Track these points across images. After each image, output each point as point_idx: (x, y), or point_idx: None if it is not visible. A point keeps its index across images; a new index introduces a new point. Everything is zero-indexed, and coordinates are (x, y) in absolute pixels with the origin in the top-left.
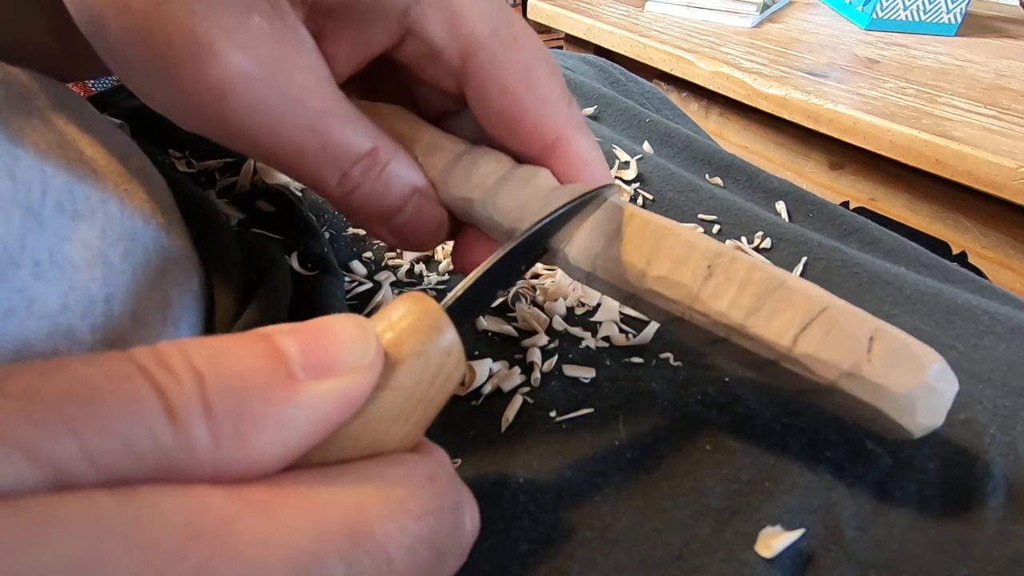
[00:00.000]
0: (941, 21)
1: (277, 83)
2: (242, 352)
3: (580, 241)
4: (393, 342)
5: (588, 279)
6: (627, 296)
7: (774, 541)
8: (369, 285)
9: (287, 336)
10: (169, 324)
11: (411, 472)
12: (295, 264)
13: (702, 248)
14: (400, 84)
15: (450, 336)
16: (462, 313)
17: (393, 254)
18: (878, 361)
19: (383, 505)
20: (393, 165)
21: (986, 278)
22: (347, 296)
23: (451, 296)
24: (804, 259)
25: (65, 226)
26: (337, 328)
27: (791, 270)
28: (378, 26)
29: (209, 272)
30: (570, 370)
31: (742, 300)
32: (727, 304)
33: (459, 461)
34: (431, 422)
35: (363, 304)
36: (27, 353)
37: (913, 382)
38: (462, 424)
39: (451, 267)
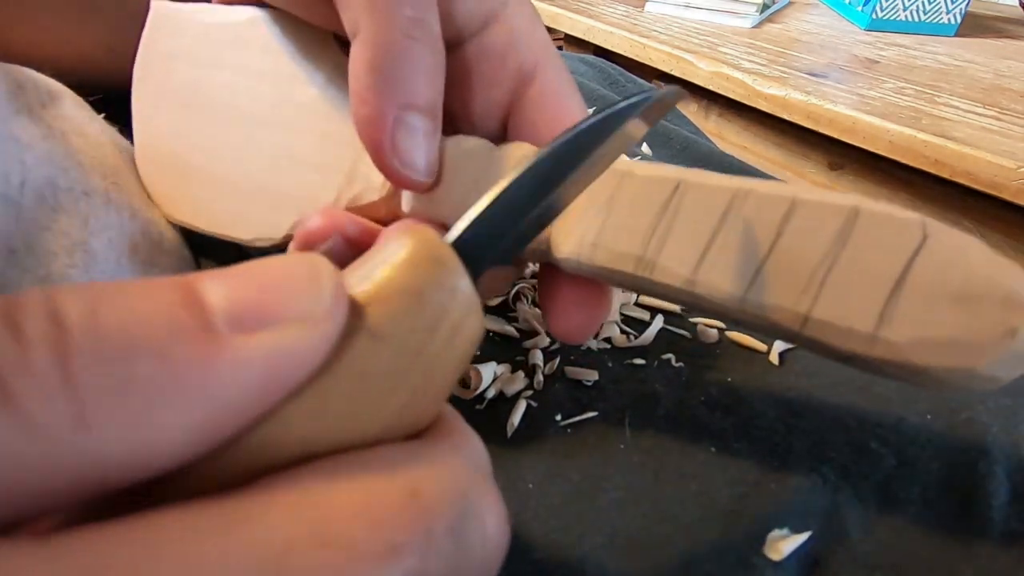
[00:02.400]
0: (941, 21)
1: None
2: (141, 299)
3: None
4: (381, 282)
5: (612, 197)
6: (658, 214)
7: (782, 544)
8: None
9: (212, 281)
10: None
11: (379, 489)
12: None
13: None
14: None
15: (454, 271)
16: (477, 248)
17: None
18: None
19: (319, 553)
20: (438, 45)
21: None
22: None
23: (460, 224)
24: None
25: (45, 216)
26: (278, 268)
27: None
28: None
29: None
30: (573, 372)
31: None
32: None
33: None
34: (445, 392)
35: None
36: None
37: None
38: None
39: None
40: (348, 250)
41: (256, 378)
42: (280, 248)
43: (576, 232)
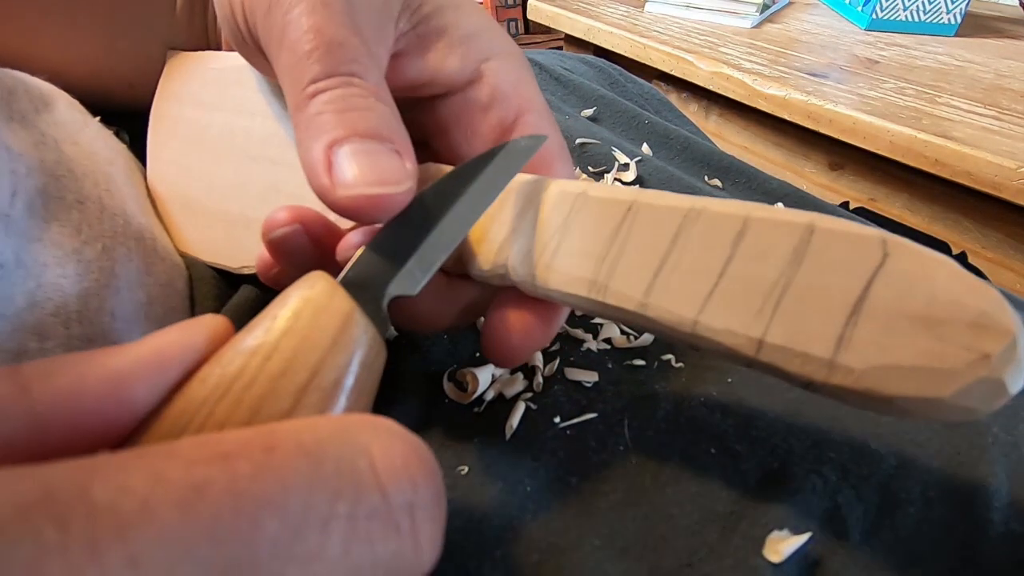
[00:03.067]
0: (941, 21)
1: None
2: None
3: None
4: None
5: (567, 220)
6: (611, 236)
7: (782, 546)
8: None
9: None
10: (153, 321)
11: (233, 432)
12: None
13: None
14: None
15: (315, 276)
16: (370, 278)
17: None
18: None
19: (168, 464)
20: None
21: (986, 278)
22: None
23: (348, 264)
24: None
25: (35, 227)
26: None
27: None
28: (460, 59)
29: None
30: (572, 374)
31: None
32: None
33: (465, 469)
34: (328, 373)
35: None
36: None
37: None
38: (466, 432)
39: None
40: (309, 242)
41: (146, 356)
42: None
43: (531, 255)
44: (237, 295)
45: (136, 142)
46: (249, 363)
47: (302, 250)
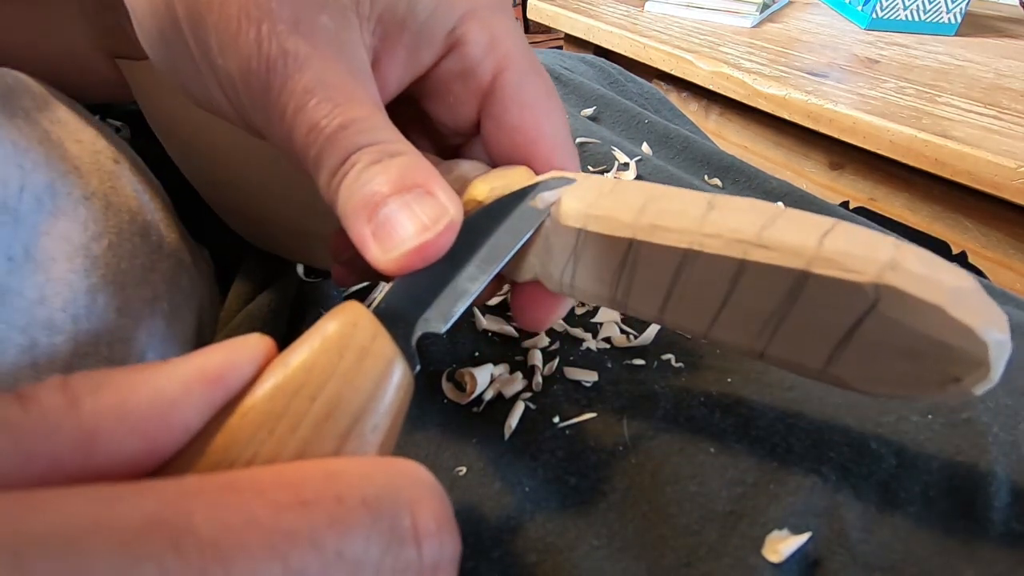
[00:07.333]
0: (941, 21)
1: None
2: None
3: (569, 201)
4: (311, 334)
5: (575, 251)
6: (617, 269)
7: (781, 546)
8: (367, 283)
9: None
10: (159, 316)
11: (300, 467)
12: (300, 272)
13: (697, 194)
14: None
15: (355, 309)
16: (401, 310)
17: None
18: (913, 258)
19: (245, 500)
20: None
21: (986, 278)
22: (346, 294)
23: (379, 296)
24: None
25: (43, 221)
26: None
27: None
28: (428, 44)
29: (209, 271)
30: (572, 373)
31: (751, 218)
32: (737, 221)
33: (463, 469)
34: (369, 419)
35: (360, 299)
36: (4, 343)
37: (958, 280)
38: (464, 432)
39: None
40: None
41: (193, 378)
42: None
43: (554, 271)
44: (253, 304)
45: (136, 139)
46: (292, 403)
47: (362, 261)
